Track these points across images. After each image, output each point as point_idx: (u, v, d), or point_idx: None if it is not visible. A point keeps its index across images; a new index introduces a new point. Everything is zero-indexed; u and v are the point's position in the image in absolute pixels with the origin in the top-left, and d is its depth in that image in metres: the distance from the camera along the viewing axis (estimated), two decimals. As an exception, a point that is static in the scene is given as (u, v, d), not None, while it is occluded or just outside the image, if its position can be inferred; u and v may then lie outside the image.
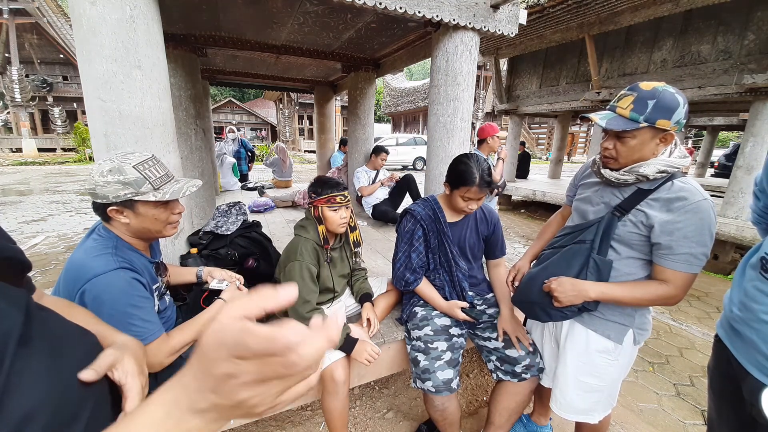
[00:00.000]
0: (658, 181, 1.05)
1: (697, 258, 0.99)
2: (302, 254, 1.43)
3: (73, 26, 1.41)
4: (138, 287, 1.02)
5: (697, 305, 3.46)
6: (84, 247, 1.03)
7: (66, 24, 14.98)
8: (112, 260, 0.99)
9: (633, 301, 1.09)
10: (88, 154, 15.16)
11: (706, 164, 10.70)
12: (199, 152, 3.46)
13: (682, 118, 0.98)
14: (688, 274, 1.01)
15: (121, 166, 0.99)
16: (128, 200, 1.00)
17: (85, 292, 0.94)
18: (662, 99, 0.97)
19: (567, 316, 1.20)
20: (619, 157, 1.07)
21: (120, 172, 0.99)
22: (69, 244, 4.50)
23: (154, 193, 1.03)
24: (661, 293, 1.05)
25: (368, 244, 3.11)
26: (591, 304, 1.14)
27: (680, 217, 0.99)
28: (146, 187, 1.01)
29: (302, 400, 1.58)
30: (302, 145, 22.36)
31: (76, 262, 0.99)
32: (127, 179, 0.99)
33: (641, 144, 1.02)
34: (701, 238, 0.98)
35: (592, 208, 1.20)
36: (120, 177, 0.98)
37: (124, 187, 0.99)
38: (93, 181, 0.99)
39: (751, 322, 0.86)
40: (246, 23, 2.89)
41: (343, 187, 1.50)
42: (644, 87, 1.00)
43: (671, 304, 1.06)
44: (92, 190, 0.99)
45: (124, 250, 1.05)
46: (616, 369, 1.21)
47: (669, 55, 4.97)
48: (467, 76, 2.30)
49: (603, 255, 1.13)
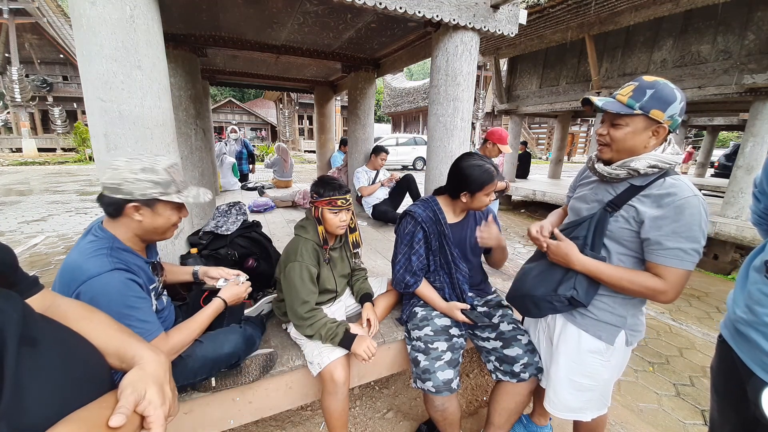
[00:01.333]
0: (649, 177, 1.05)
1: (687, 253, 0.98)
2: (302, 255, 1.42)
3: (73, 26, 1.41)
4: (134, 287, 1.02)
5: (697, 305, 3.46)
6: (79, 247, 1.02)
7: (66, 24, 14.98)
8: (107, 261, 0.98)
9: (619, 284, 1.08)
10: (88, 154, 15.16)
11: (706, 164, 10.70)
12: (199, 152, 3.46)
13: (677, 114, 1.00)
14: (679, 270, 1.00)
15: (153, 166, 1.04)
16: (152, 199, 1.03)
17: (81, 294, 0.94)
18: (660, 90, 0.99)
19: (556, 309, 1.20)
20: (612, 143, 1.08)
21: (153, 172, 1.03)
22: (69, 244, 4.50)
23: (178, 195, 1.08)
24: (650, 285, 1.03)
25: (368, 244, 3.11)
26: (581, 297, 1.14)
27: (669, 212, 0.99)
28: (172, 189, 1.07)
29: (301, 400, 1.58)
30: (302, 145, 22.35)
31: (71, 264, 0.99)
32: (159, 179, 1.04)
33: (633, 132, 1.03)
34: (691, 233, 0.97)
35: (586, 205, 1.22)
36: (153, 176, 1.03)
37: (154, 186, 1.03)
38: (121, 177, 1.00)
39: (756, 326, 0.86)
40: (246, 23, 2.89)
41: (345, 190, 1.48)
42: (647, 79, 1.03)
43: (662, 301, 1.04)
44: (118, 185, 1.00)
45: (120, 251, 1.04)
46: (608, 370, 1.22)
47: (669, 55, 4.97)
48: (467, 76, 2.30)
49: (596, 251, 1.14)
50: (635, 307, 1.17)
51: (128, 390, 0.58)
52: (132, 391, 0.58)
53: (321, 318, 1.39)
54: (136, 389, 0.59)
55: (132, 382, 0.60)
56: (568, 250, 1.14)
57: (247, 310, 1.59)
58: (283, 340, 1.60)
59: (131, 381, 0.61)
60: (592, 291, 1.16)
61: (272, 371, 1.42)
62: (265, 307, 1.72)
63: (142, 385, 0.60)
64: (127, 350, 0.69)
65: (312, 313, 1.39)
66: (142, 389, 0.60)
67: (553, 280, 1.20)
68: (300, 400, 1.58)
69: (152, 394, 0.60)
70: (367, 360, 1.35)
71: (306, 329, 1.38)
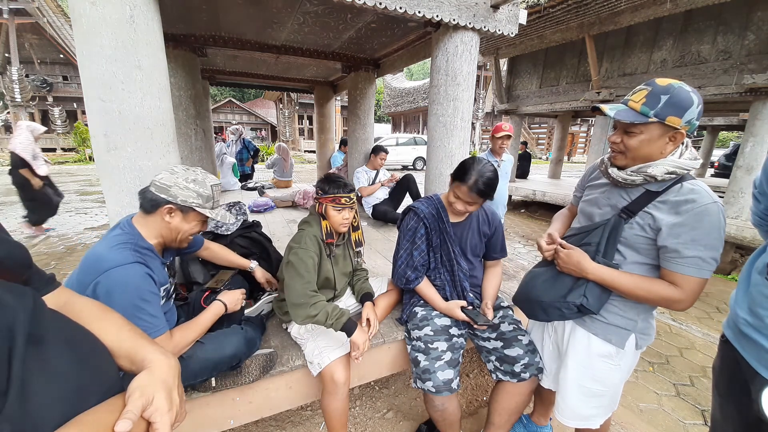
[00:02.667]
0: (666, 182, 1.01)
1: (706, 262, 0.95)
2: (305, 243, 1.44)
3: (73, 26, 1.41)
4: (150, 283, 1.06)
5: (697, 305, 3.46)
6: (106, 239, 1.09)
7: (66, 24, 14.95)
8: (130, 254, 1.04)
9: (635, 293, 1.06)
10: (88, 154, 15.15)
11: (706, 164, 10.70)
12: (199, 152, 3.46)
13: (695, 118, 0.95)
14: (697, 278, 0.97)
15: (204, 181, 1.19)
16: (189, 207, 1.15)
17: (99, 284, 0.98)
18: (676, 95, 0.93)
19: (565, 316, 1.18)
20: (626, 151, 1.04)
21: (202, 186, 1.18)
22: (69, 244, 4.50)
23: (210, 210, 1.21)
24: (667, 294, 1.01)
25: (368, 244, 3.11)
26: (591, 305, 1.12)
27: (688, 219, 0.95)
28: (208, 204, 1.20)
29: (301, 400, 1.58)
30: (302, 145, 22.34)
31: (95, 254, 1.04)
32: (204, 193, 1.18)
33: (649, 140, 0.99)
34: (710, 242, 0.94)
35: (598, 210, 1.18)
36: (200, 189, 1.17)
37: (197, 197, 1.16)
38: (174, 181, 1.13)
39: (760, 329, 0.85)
40: (246, 23, 2.89)
41: (350, 188, 1.49)
42: (660, 82, 0.97)
43: (678, 309, 1.02)
44: (168, 187, 1.12)
45: (143, 249, 1.10)
46: (618, 374, 1.19)
47: (669, 55, 4.97)
48: (467, 76, 2.30)
49: (609, 258, 1.11)
50: (646, 311, 1.14)
51: (136, 394, 0.57)
52: (140, 396, 0.57)
53: (322, 302, 1.38)
54: (144, 394, 0.58)
55: (140, 386, 0.59)
56: (579, 258, 1.11)
57: (247, 311, 1.59)
58: (283, 340, 1.60)
59: (140, 385, 0.60)
60: (603, 299, 1.13)
61: (272, 371, 1.42)
62: (265, 307, 1.72)
63: (150, 390, 0.60)
64: (138, 352, 0.69)
65: (315, 294, 1.38)
66: (150, 394, 0.59)
67: (563, 286, 1.17)
68: (300, 400, 1.58)
69: (160, 399, 0.59)
70: (359, 356, 1.35)
71: (310, 308, 1.33)
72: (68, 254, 4.16)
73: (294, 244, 1.47)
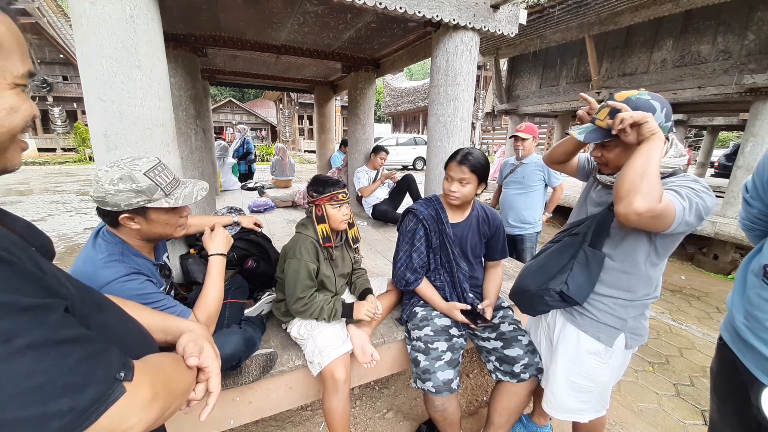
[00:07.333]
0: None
1: (682, 197, 0.92)
2: (300, 252, 1.45)
3: (73, 26, 1.41)
4: (150, 286, 1.05)
5: (697, 305, 3.46)
6: (90, 255, 1.01)
7: (66, 24, 14.96)
8: (122, 268, 0.99)
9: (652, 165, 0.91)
10: (88, 154, 15.16)
11: (706, 164, 10.69)
12: (199, 152, 3.46)
13: (663, 121, 0.98)
14: (674, 206, 0.91)
15: (131, 173, 0.97)
16: (141, 207, 0.98)
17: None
18: (635, 107, 0.97)
19: (548, 304, 1.20)
20: (609, 162, 1.10)
21: (131, 180, 0.96)
22: (69, 244, 4.50)
23: (167, 199, 1.02)
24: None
25: (368, 245, 3.11)
26: (572, 293, 1.13)
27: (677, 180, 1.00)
28: (158, 194, 1.00)
29: (301, 400, 1.58)
30: (302, 145, 22.34)
31: (85, 274, 0.97)
32: (140, 187, 0.97)
33: (626, 150, 1.02)
34: (698, 191, 0.94)
35: (593, 208, 1.22)
36: (132, 185, 0.96)
37: (137, 195, 0.97)
38: (103, 190, 0.95)
39: (757, 331, 0.86)
40: (246, 23, 2.89)
41: (342, 184, 1.55)
42: (618, 97, 1.02)
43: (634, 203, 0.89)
44: (102, 198, 0.95)
45: (131, 256, 1.05)
46: (606, 372, 1.21)
47: (669, 55, 4.97)
48: (467, 76, 2.29)
49: (597, 248, 1.14)
50: (637, 311, 1.16)
51: (190, 344, 0.67)
52: (194, 344, 0.67)
53: (317, 302, 1.44)
54: (197, 344, 0.67)
55: (191, 340, 0.68)
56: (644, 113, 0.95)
57: (247, 311, 1.59)
58: (283, 340, 1.60)
59: (189, 339, 0.69)
60: (585, 289, 1.15)
61: (272, 371, 1.42)
62: (265, 308, 1.72)
63: (200, 342, 0.69)
64: (170, 324, 0.79)
65: (307, 302, 1.42)
66: (200, 344, 0.68)
67: (547, 274, 1.20)
68: (300, 400, 1.58)
69: (209, 349, 0.68)
70: (371, 317, 1.46)
71: (307, 316, 1.45)
72: (68, 254, 4.16)
73: (290, 252, 1.49)
